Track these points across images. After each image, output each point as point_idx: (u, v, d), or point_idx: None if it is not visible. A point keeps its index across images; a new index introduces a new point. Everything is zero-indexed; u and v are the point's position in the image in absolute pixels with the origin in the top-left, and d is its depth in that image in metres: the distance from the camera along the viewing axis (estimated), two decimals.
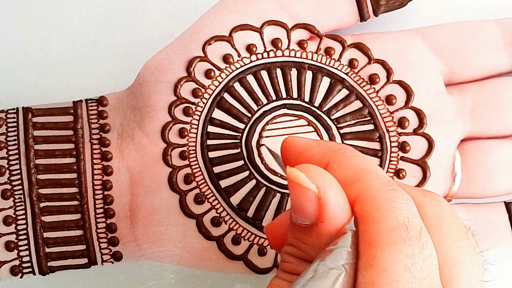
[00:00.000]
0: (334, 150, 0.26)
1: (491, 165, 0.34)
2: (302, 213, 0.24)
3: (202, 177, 0.33)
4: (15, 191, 0.33)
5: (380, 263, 0.22)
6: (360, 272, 0.22)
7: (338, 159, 0.25)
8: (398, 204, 0.23)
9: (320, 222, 0.24)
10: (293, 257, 0.25)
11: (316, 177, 0.24)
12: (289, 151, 0.27)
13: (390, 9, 0.36)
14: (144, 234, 0.33)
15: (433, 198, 0.25)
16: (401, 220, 0.23)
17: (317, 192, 0.23)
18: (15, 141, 0.33)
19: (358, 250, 0.23)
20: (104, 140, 0.33)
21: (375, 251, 0.22)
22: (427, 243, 0.23)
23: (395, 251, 0.22)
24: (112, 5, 0.37)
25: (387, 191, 0.24)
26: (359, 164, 0.25)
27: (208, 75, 0.34)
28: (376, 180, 0.24)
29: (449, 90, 0.35)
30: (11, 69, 0.36)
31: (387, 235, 0.23)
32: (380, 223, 0.23)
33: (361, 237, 0.23)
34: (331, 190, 0.24)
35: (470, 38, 0.35)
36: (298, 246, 0.25)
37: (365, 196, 0.24)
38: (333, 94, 0.35)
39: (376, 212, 0.23)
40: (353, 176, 0.24)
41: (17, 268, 0.32)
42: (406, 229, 0.23)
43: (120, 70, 0.35)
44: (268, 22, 0.35)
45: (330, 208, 0.23)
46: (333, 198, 0.24)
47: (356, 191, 0.24)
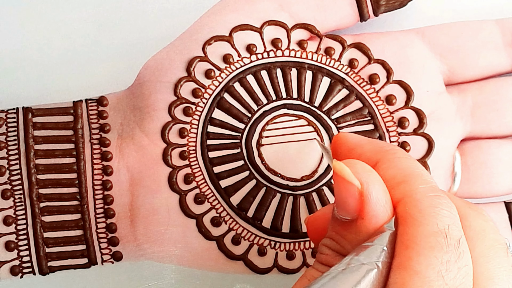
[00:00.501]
0: (385, 149, 0.26)
1: (491, 165, 0.34)
2: (344, 208, 0.24)
3: (202, 177, 0.33)
4: (15, 191, 0.33)
5: (414, 266, 0.22)
6: (393, 272, 0.23)
7: (388, 159, 0.25)
8: (441, 211, 0.23)
9: (360, 219, 0.24)
10: (330, 250, 0.25)
11: (361, 173, 0.24)
12: (340, 147, 0.28)
13: (390, 9, 0.36)
14: (144, 234, 0.33)
15: (478, 211, 0.26)
16: (442, 226, 0.23)
17: (360, 188, 0.24)
18: (15, 141, 0.33)
19: (394, 251, 0.23)
20: (104, 140, 0.33)
21: (411, 253, 0.22)
22: (465, 253, 0.23)
23: (431, 256, 0.22)
24: (112, 5, 0.37)
25: (432, 196, 0.24)
26: (408, 167, 0.25)
27: (208, 75, 0.34)
28: (422, 184, 0.24)
29: (449, 90, 0.35)
30: (11, 69, 0.36)
31: (425, 239, 0.23)
32: (420, 226, 0.23)
33: (399, 238, 0.23)
34: (374, 188, 0.24)
35: (470, 38, 0.35)
36: (337, 240, 0.25)
37: (409, 198, 0.24)
38: (333, 94, 0.35)
39: (418, 215, 0.23)
40: (400, 177, 0.25)
41: (17, 268, 0.32)
42: (445, 236, 0.23)
43: (120, 70, 0.35)
44: (268, 22, 0.35)
45: (372, 205, 0.24)
46: (376, 196, 0.24)
47: (401, 192, 0.24)
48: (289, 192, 0.33)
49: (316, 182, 0.34)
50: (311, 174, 0.34)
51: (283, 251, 0.33)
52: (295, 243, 0.33)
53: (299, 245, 0.33)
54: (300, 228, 0.33)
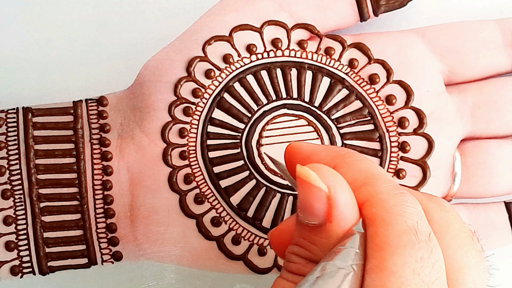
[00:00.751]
0: (341, 154, 0.26)
1: (491, 165, 0.34)
2: (311, 213, 0.24)
3: (202, 177, 0.33)
4: (15, 191, 0.33)
5: (390, 267, 0.22)
6: (369, 275, 0.22)
7: (346, 163, 0.25)
8: (408, 208, 0.23)
9: (328, 222, 0.24)
10: (299, 258, 0.25)
11: (327, 177, 0.24)
12: (295, 156, 0.27)
13: (390, 9, 0.36)
14: (144, 234, 0.33)
15: (439, 203, 0.26)
16: (411, 224, 0.23)
17: (327, 191, 0.23)
18: (15, 141, 0.33)
19: (366, 252, 0.23)
20: (104, 140, 0.33)
21: (384, 254, 0.22)
22: (436, 248, 0.23)
23: (405, 255, 0.22)
24: (112, 5, 0.37)
25: (396, 194, 0.24)
26: (367, 168, 0.25)
27: (208, 75, 0.34)
28: (385, 184, 0.24)
29: (449, 90, 0.35)
30: (11, 69, 0.36)
31: (397, 238, 0.22)
32: (390, 226, 0.23)
33: (370, 240, 0.23)
34: (341, 191, 0.24)
35: (470, 38, 0.35)
36: (305, 246, 0.25)
37: (375, 199, 0.24)
38: (333, 94, 0.35)
39: (386, 215, 0.23)
40: (362, 179, 0.24)
41: (17, 268, 0.32)
42: (415, 233, 0.23)
43: (120, 70, 0.35)
44: (268, 22, 0.35)
45: (340, 208, 0.23)
46: (343, 199, 0.23)
47: (365, 193, 0.24)
48: (289, 192, 0.33)
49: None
50: None
51: None
52: None
53: None
54: None
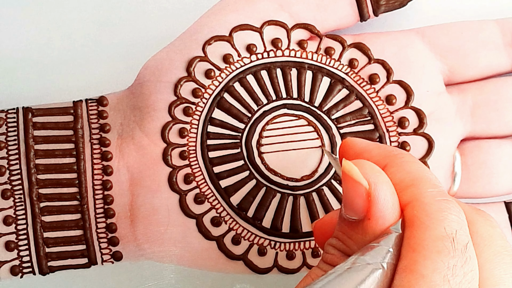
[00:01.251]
0: (393, 154, 0.26)
1: (491, 165, 0.34)
2: (351, 208, 0.24)
3: (202, 177, 0.33)
4: (15, 191, 0.33)
5: (420, 270, 0.22)
6: (398, 275, 0.22)
7: (396, 163, 0.25)
8: (449, 215, 0.23)
9: (367, 219, 0.24)
10: (336, 250, 0.25)
11: (370, 174, 0.24)
12: (348, 152, 0.28)
13: (390, 9, 0.36)
14: (144, 234, 0.33)
15: (486, 218, 0.26)
16: (449, 231, 0.23)
17: (368, 188, 0.24)
18: (15, 141, 0.33)
19: (400, 253, 0.23)
20: (104, 140, 0.33)
21: (417, 256, 0.22)
22: (471, 259, 0.23)
23: (437, 260, 0.22)
24: (112, 5, 0.37)
25: (440, 200, 0.24)
26: (416, 170, 0.25)
27: (208, 75, 0.34)
28: (431, 188, 0.24)
29: (449, 90, 0.35)
30: (11, 69, 0.36)
31: (432, 243, 0.23)
32: (428, 230, 0.23)
33: (406, 241, 0.23)
34: (382, 189, 0.24)
35: (470, 38, 0.35)
36: (343, 240, 0.25)
37: (418, 201, 0.24)
38: (333, 94, 0.35)
39: (426, 219, 0.23)
40: (409, 180, 0.25)
41: (17, 268, 0.32)
42: (452, 240, 0.23)
43: (120, 70, 0.35)
44: (268, 22, 0.35)
45: (379, 206, 0.24)
46: (383, 197, 0.24)
47: (410, 195, 0.24)
48: (289, 192, 0.33)
49: (316, 182, 0.34)
50: (311, 174, 0.34)
51: (283, 251, 0.33)
52: (295, 243, 0.33)
53: (299, 245, 0.33)
54: (300, 228, 0.33)
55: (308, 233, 0.33)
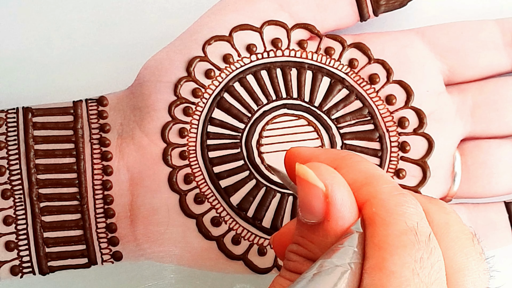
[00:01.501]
0: (341, 156, 0.26)
1: (491, 165, 0.34)
2: (309, 211, 0.24)
3: (202, 177, 0.33)
4: (15, 191, 0.33)
5: (389, 266, 0.22)
6: (368, 274, 0.22)
7: (346, 164, 0.25)
8: (408, 209, 0.23)
9: (326, 221, 0.24)
10: (297, 256, 0.25)
11: (325, 175, 0.24)
12: (294, 160, 0.27)
13: (390, 9, 0.36)
14: (144, 234, 0.33)
15: (440, 205, 0.26)
16: (411, 224, 0.23)
17: (324, 190, 0.23)
18: (15, 141, 0.33)
19: (365, 252, 0.23)
20: (104, 140, 0.33)
21: (384, 253, 0.22)
22: (435, 249, 0.23)
23: (404, 255, 0.22)
24: (112, 5, 0.37)
25: (397, 195, 0.24)
26: (368, 169, 0.25)
27: (208, 75, 0.34)
28: (385, 184, 0.24)
29: (449, 90, 0.35)
30: (11, 69, 0.36)
31: (397, 238, 0.23)
32: (390, 226, 0.23)
33: (369, 239, 0.23)
34: (339, 189, 0.24)
35: (470, 38, 0.35)
36: (304, 245, 0.25)
37: (375, 199, 0.24)
38: (333, 94, 0.35)
39: (386, 215, 0.23)
40: (362, 179, 0.24)
41: (17, 268, 0.32)
42: (415, 233, 0.23)
43: (120, 70, 0.35)
44: (268, 22, 0.35)
45: (337, 207, 0.23)
46: (341, 197, 0.24)
47: (366, 193, 0.24)
48: (289, 192, 0.33)
49: None
50: None
51: None
52: None
53: None
54: None
55: None
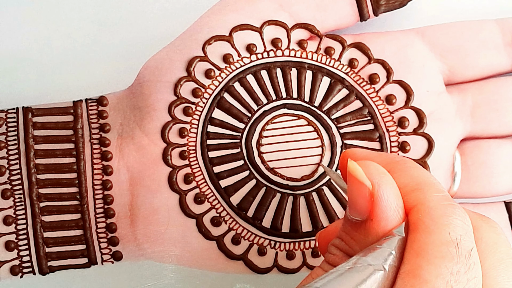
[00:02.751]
0: (395, 160, 0.26)
1: (491, 165, 0.34)
2: (355, 208, 0.24)
3: (202, 177, 0.33)
4: (15, 191, 0.33)
5: (424, 274, 0.22)
6: (401, 279, 0.22)
7: (399, 168, 0.25)
8: (454, 220, 0.23)
9: (369, 220, 0.24)
10: (338, 250, 0.25)
11: (374, 174, 0.24)
12: (350, 161, 0.27)
13: (390, 9, 0.36)
14: (144, 234, 0.33)
15: (491, 224, 0.25)
16: (454, 236, 0.23)
17: (371, 189, 0.23)
18: (15, 141, 0.33)
19: (403, 256, 0.23)
20: (104, 140, 0.33)
21: (421, 261, 0.22)
22: (475, 265, 0.23)
23: (441, 266, 0.22)
24: (112, 5, 0.37)
25: (446, 205, 0.24)
26: (420, 175, 0.25)
27: (208, 75, 0.34)
28: (436, 193, 0.24)
29: (449, 90, 0.35)
30: (11, 69, 0.36)
31: (436, 248, 0.22)
32: (432, 235, 0.23)
33: (409, 245, 0.23)
34: (385, 190, 0.24)
35: (470, 38, 0.35)
36: (346, 241, 0.25)
37: (423, 205, 0.24)
38: (333, 94, 0.35)
39: (431, 223, 0.23)
40: (413, 185, 0.24)
41: (17, 268, 0.32)
42: (457, 246, 0.23)
43: (120, 70, 0.35)
44: (268, 22, 0.35)
45: (382, 207, 0.24)
46: (386, 198, 0.24)
47: (414, 199, 0.24)
48: (289, 192, 0.33)
49: (316, 182, 0.34)
50: (311, 174, 0.34)
51: (283, 251, 0.33)
52: (295, 243, 0.33)
53: (299, 245, 0.33)
54: (300, 228, 0.33)
55: (308, 233, 0.33)
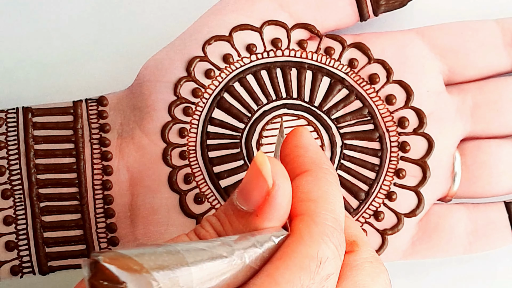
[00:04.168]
0: (320, 166, 0.26)
1: (491, 165, 0.34)
2: (246, 197, 0.24)
3: (202, 177, 0.33)
4: (15, 191, 0.33)
5: (277, 276, 0.23)
6: (258, 275, 0.23)
7: (316, 175, 0.26)
8: (329, 242, 0.24)
9: (255, 215, 0.24)
10: (211, 229, 0.25)
11: (278, 175, 0.24)
12: (293, 139, 0.28)
13: (390, 9, 0.36)
14: (144, 234, 0.33)
15: (376, 266, 0.26)
16: (320, 255, 0.23)
17: (270, 187, 0.24)
18: (15, 141, 0.33)
19: (270, 256, 0.24)
20: (104, 140, 0.33)
21: (281, 264, 0.23)
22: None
23: (295, 275, 0.23)
24: (112, 5, 0.37)
25: (328, 226, 0.24)
26: (327, 191, 0.25)
27: (208, 75, 0.34)
28: (328, 212, 0.25)
29: (449, 90, 0.35)
30: (11, 69, 0.36)
31: (299, 258, 0.23)
32: (302, 246, 0.24)
33: (280, 248, 0.24)
34: (283, 194, 0.24)
35: (470, 38, 0.35)
36: (222, 222, 0.25)
37: (309, 217, 0.24)
38: (333, 94, 0.35)
39: (306, 235, 0.24)
40: (313, 195, 0.25)
41: (17, 268, 0.32)
42: (318, 264, 0.23)
43: (120, 70, 0.35)
44: (268, 22, 0.35)
45: (272, 209, 0.24)
46: (280, 202, 0.24)
47: (306, 208, 0.25)
48: None
49: None
50: None
51: None
52: None
53: None
54: None
55: None
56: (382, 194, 0.34)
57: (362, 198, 0.34)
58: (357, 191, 0.34)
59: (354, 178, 0.34)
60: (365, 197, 0.34)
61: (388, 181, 0.34)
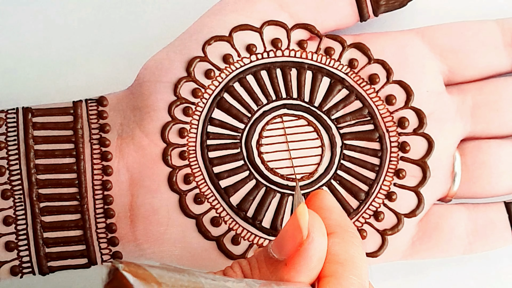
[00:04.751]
0: (345, 229, 0.26)
1: (491, 165, 0.34)
2: (279, 245, 0.25)
3: (202, 177, 0.33)
4: (15, 191, 0.33)
5: None
6: None
7: (342, 237, 0.26)
8: None
9: (284, 264, 0.24)
10: (240, 271, 0.26)
11: (315, 230, 0.24)
12: (315, 201, 0.28)
13: (390, 9, 0.36)
14: (144, 234, 0.33)
15: None
16: None
17: (304, 238, 0.24)
18: (15, 141, 0.33)
19: None
20: (104, 140, 0.33)
21: None
22: None
23: None
24: (112, 5, 0.37)
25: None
26: (353, 255, 0.25)
27: (208, 75, 0.34)
28: (355, 276, 0.25)
29: (449, 90, 0.35)
30: (11, 69, 0.36)
31: None
32: None
33: None
34: (315, 248, 0.24)
35: (470, 38, 0.35)
36: (252, 267, 0.26)
37: (336, 280, 0.24)
38: (333, 94, 0.35)
39: None
40: (340, 258, 0.25)
41: (17, 268, 0.32)
42: None
43: (120, 70, 0.35)
44: (268, 22, 0.35)
45: (302, 260, 0.24)
46: (311, 255, 0.24)
47: (333, 271, 0.25)
48: (289, 192, 0.33)
49: (316, 182, 0.34)
50: (311, 174, 0.34)
51: None
52: None
53: None
54: None
55: None
56: (382, 194, 0.34)
57: (362, 198, 0.34)
58: (357, 191, 0.34)
59: (354, 178, 0.34)
60: (365, 197, 0.34)
61: (388, 181, 0.34)
